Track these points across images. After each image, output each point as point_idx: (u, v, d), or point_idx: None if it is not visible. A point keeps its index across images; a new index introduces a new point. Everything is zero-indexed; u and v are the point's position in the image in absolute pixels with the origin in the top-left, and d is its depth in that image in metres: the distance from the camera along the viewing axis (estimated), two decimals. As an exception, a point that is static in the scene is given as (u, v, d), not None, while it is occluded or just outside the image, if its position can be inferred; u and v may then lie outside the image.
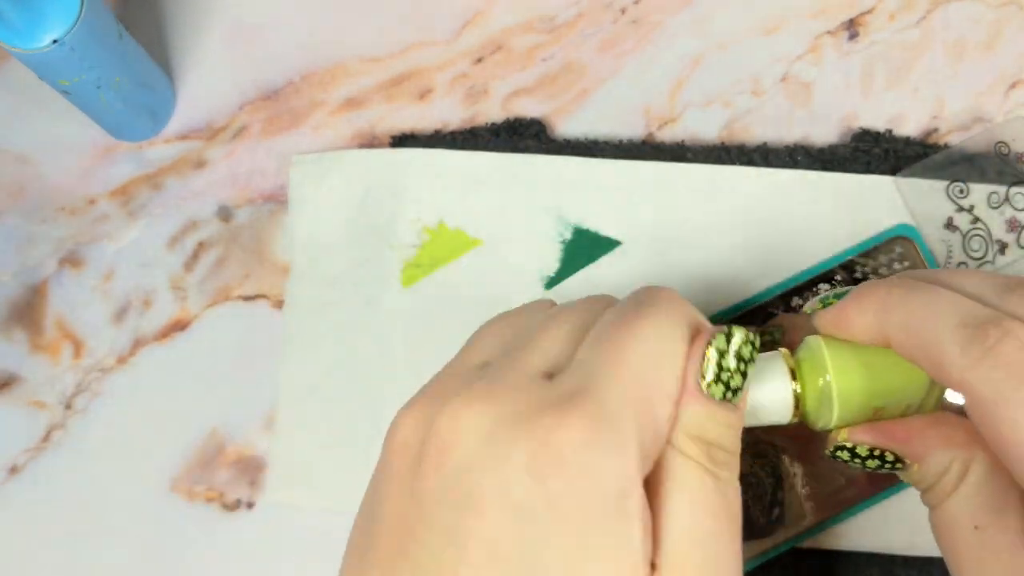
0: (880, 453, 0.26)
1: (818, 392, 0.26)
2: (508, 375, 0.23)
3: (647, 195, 0.39)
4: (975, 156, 0.38)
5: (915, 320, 0.24)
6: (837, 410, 0.26)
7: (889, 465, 0.26)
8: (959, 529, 0.25)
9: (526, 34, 0.41)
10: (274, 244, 0.40)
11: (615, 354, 0.22)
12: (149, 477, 0.38)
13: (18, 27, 0.32)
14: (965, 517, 0.25)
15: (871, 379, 0.26)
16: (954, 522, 0.25)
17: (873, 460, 0.26)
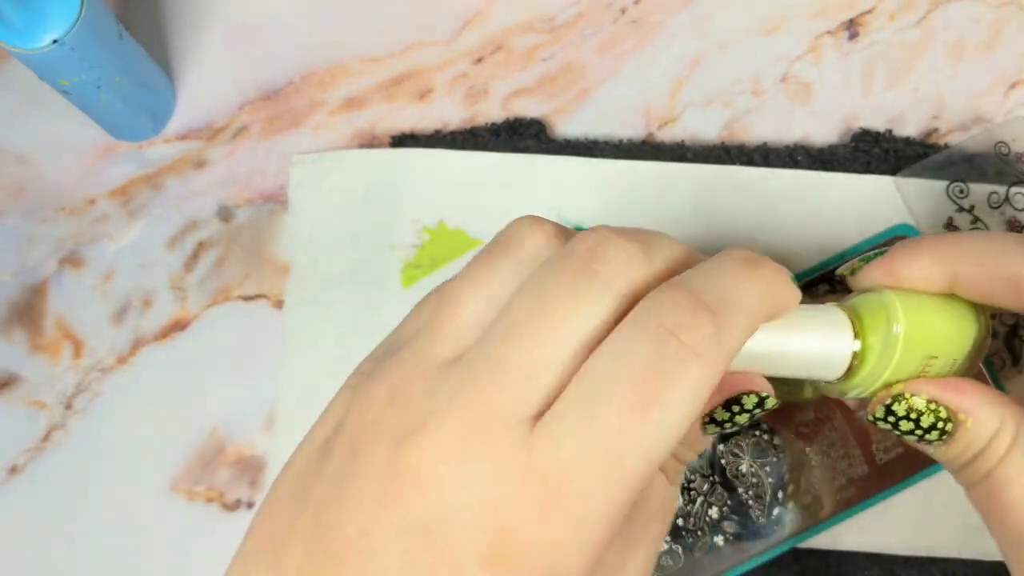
0: (936, 407, 0.25)
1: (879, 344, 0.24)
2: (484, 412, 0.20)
3: (647, 195, 0.39)
4: (975, 156, 0.38)
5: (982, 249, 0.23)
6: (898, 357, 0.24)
7: (941, 424, 0.25)
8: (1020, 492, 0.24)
9: (526, 34, 0.41)
10: (274, 244, 0.40)
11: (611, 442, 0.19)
12: (149, 477, 0.38)
13: (18, 27, 0.32)
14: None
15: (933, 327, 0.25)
16: (1016, 484, 0.24)
17: (929, 416, 0.25)
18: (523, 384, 0.20)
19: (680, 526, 0.35)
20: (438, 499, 0.19)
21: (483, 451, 0.19)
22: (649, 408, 0.19)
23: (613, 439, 0.19)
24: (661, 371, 0.19)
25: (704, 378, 0.20)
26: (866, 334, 0.25)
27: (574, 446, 0.19)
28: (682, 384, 0.19)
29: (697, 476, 0.36)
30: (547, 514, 0.19)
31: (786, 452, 0.36)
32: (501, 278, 0.22)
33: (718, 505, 0.36)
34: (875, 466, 0.36)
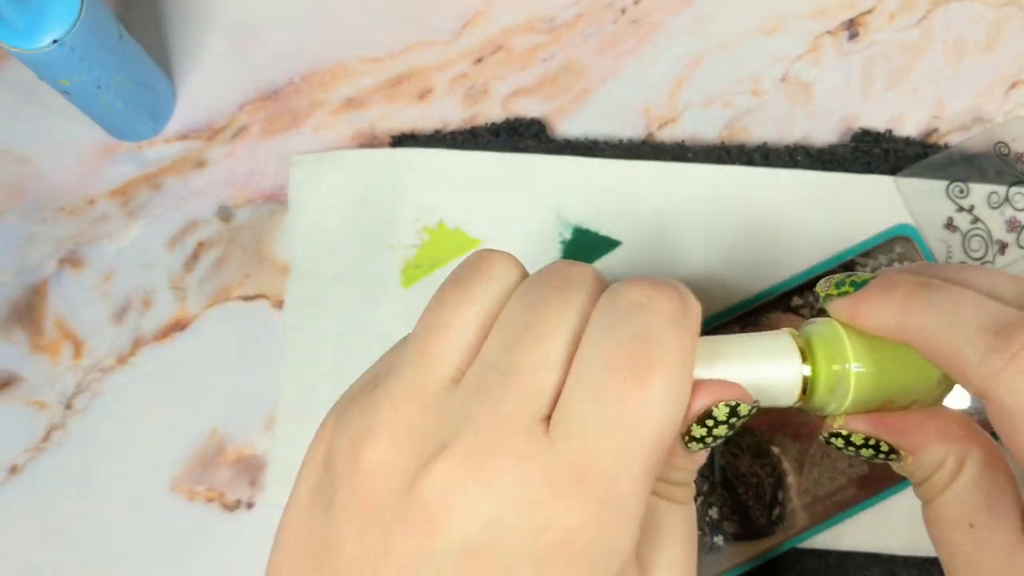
0: (876, 443, 0.26)
1: (833, 379, 0.25)
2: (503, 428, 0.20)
3: (647, 195, 0.39)
4: (975, 156, 0.38)
5: (936, 322, 0.23)
6: (851, 399, 0.25)
7: (883, 455, 0.26)
8: (954, 526, 0.25)
9: (526, 34, 0.41)
10: (274, 244, 0.40)
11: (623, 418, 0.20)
12: (149, 477, 0.38)
13: (18, 27, 0.32)
14: (960, 514, 0.25)
15: (887, 373, 0.25)
16: (949, 519, 0.25)
17: (868, 449, 0.26)
18: (533, 386, 0.20)
19: (680, 526, 0.35)
20: (472, 517, 0.19)
21: (507, 459, 0.19)
22: (647, 376, 0.20)
23: (624, 414, 0.20)
24: (645, 340, 0.20)
25: (685, 341, 0.21)
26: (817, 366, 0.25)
27: (591, 432, 0.20)
28: (669, 345, 0.20)
29: (697, 476, 0.36)
30: (585, 501, 0.19)
31: (786, 452, 0.36)
32: (479, 300, 0.22)
33: (718, 505, 0.36)
34: (875, 466, 0.36)
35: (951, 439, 0.25)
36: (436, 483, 0.19)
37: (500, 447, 0.20)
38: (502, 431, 0.20)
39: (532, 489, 0.19)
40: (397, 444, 0.20)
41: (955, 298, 0.24)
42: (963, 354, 0.23)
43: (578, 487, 0.19)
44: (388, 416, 0.21)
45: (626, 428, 0.20)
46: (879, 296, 0.25)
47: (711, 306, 0.38)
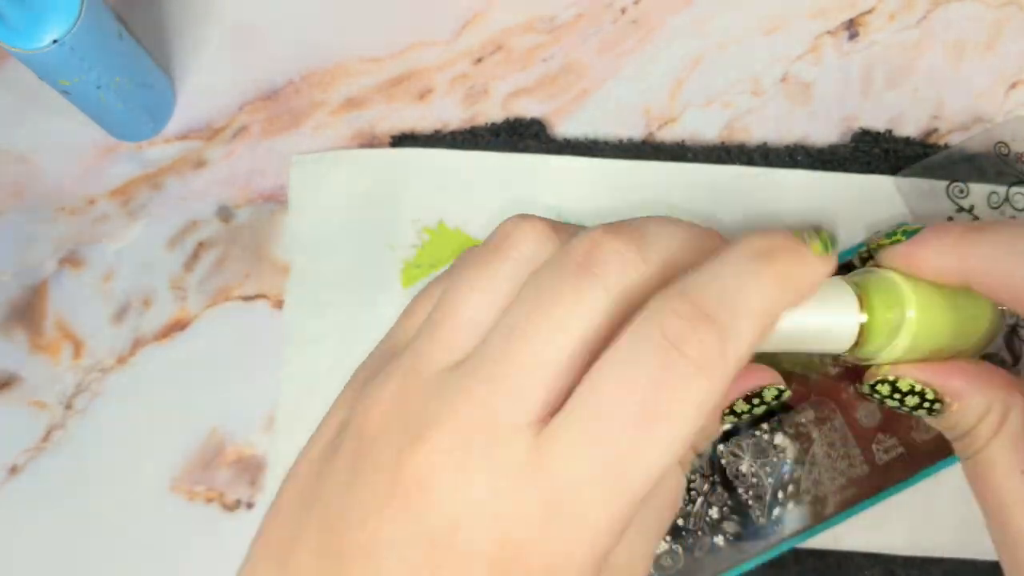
0: (922, 390, 0.26)
1: (888, 326, 0.25)
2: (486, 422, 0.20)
3: (647, 195, 0.39)
4: (975, 156, 0.38)
5: (995, 253, 0.24)
6: (905, 347, 0.25)
7: (928, 404, 0.26)
8: (1007, 474, 0.25)
9: (526, 34, 0.41)
10: (274, 244, 0.40)
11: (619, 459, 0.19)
12: (149, 477, 0.38)
13: (18, 27, 0.32)
14: (1013, 462, 0.25)
15: (939, 321, 0.25)
16: (1001, 467, 0.25)
17: (913, 397, 0.26)
18: (523, 386, 0.20)
19: (680, 526, 0.35)
20: (441, 508, 0.19)
21: (486, 459, 0.19)
22: (653, 424, 0.19)
23: (617, 454, 0.19)
24: (665, 387, 0.19)
25: (708, 391, 0.19)
26: (874, 313, 0.25)
27: (578, 461, 0.19)
28: (686, 399, 0.19)
29: (697, 476, 0.36)
30: (551, 527, 0.19)
31: (786, 452, 0.36)
32: (497, 281, 0.22)
33: (718, 505, 0.36)
34: (875, 466, 0.36)
35: (996, 386, 0.25)
36: (418, 465, 0.19)
37: (481, 445, 0.19)
38: (484, 429, 0.19)
39: (502, 500, 0.19)
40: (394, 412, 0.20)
41: (1011, 230, 0.24)
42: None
43: (550, 511, 0.19)
44: (395, 384, 0.21)
45: (616, 468, 0.19)
46: (935, 239, 0.25)
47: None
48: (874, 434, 0.36)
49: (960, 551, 0.35)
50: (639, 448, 0.19)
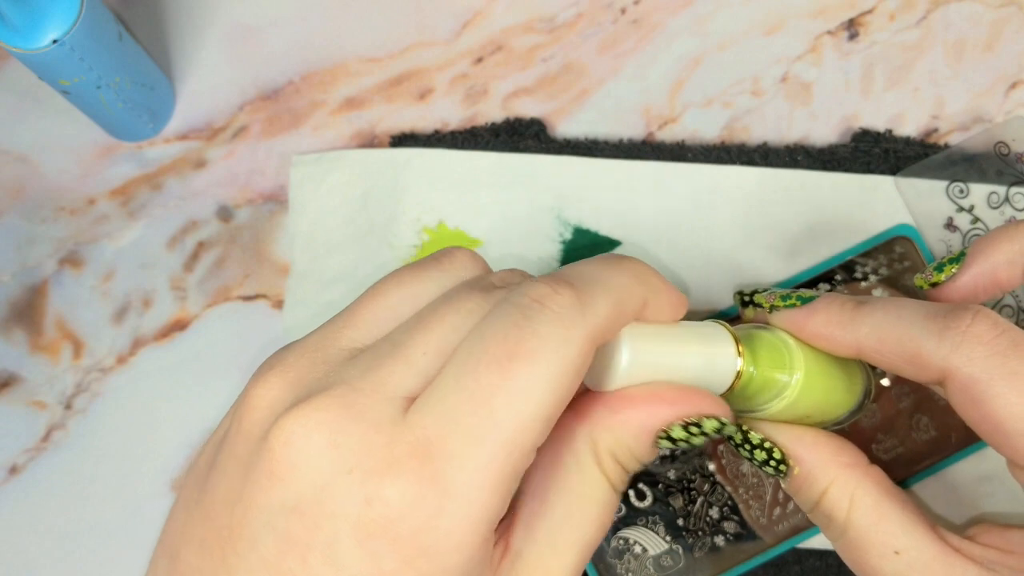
0: (769, 447, 0.27)
1: (777, 385, 0.26)
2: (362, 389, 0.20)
3: (647, 195, 0.39)
4: (975, 156, 0.38)
5: (885, 320, 0.25)
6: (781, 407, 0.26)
7: (774, 464, 0.27)
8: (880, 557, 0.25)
9: (526, 34, 0.42)
10: (274, 244, 0.40)
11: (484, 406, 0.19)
12: (149, 477, 0.38)
13: (18, 27, 0.32)
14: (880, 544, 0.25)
15: (821, 388, 0.26)
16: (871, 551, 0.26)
17: (761, 452, 0.27)
18: (410, 365, 0.20)
19: (680, 526, 0.35)
20: (310, 474, 0.19)
21: (356, 423, 0.19)
22: (512, 363, 0.19)
23: (478, 400, 0.19)
24: (520, 329, 0.20)
25: (565, 339, 0.20)
26: (760, 367, 0.26)
27: (442, 413, 0.19)
28: (545, 342, 0.20)
29: (697, 476, 0.36)
30: (420, 485, 0.18)
31: (786, 452, 0.36)
32: (424, 283, 0.23)
33: (718, 505, 0.36)
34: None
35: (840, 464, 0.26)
36: (284, 431, 0.19)
37: (354, 409, 0.19)
38: (363, 395, 0.20)
39: (370, 459, 0.19)
40: (280, 388, 0.21)
41: (895, 303, 0.25)
42: (918, 341, 0.24)
43: (414, 464, 0.19)
44: (289, 362, 0.21)
45: (479, 414, 0.19)
46: (827, 309, 0.26)
47: (711, 307, 0.38)
48: (874, 434, 0.36)
49: (960, 551, 0.35)
50: (498, 390, 0.19)
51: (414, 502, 0.18)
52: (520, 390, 0.19)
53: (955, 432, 0.36)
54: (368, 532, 0.18)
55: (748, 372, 0.26)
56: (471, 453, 0.19)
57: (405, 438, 0.19)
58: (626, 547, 0.35)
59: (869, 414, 0.36)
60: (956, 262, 0.28)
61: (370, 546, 0.18)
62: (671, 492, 0.36)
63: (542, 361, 0.19)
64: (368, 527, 0.18)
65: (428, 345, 0.21)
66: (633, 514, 0.36)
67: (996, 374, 0.23)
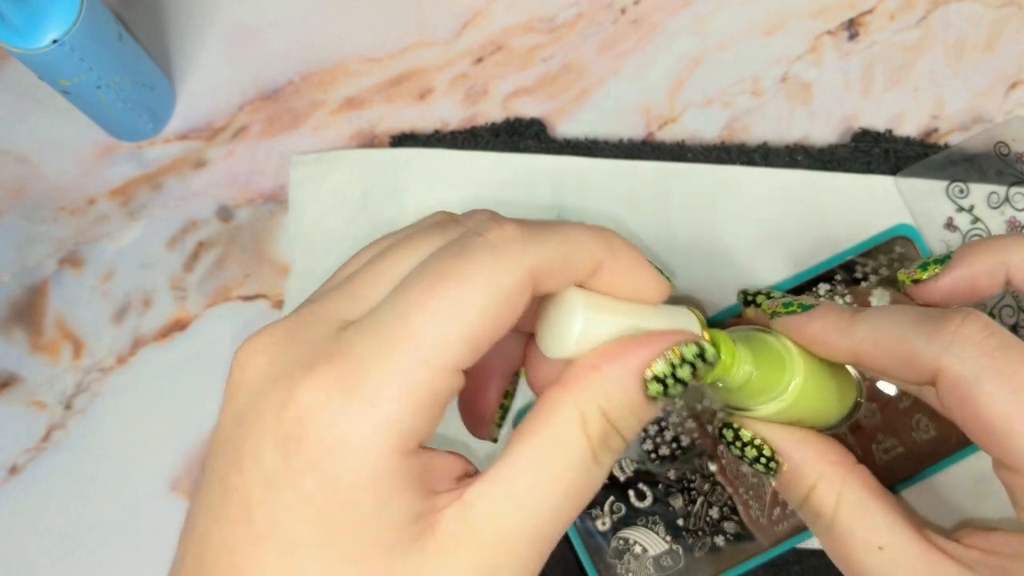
0: (760, 444, 0.28)
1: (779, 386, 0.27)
2: (308, 316, 0.21)
3: (647, 195, 0.39)
4: (975, 156, 0.38)
5: (879, 325, 0.26)
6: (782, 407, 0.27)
7: (764, 461, 0.28)
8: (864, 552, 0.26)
9: (526, 34, 0.41)
10: (274, 244, 0.40)
11: (404, 321, 0.20)
12: (149, 477, 0.38)
13: (18, 27, 0.32)
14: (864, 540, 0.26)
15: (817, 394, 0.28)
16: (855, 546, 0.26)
17: (752, 449, 0.28)
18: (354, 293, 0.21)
19: (680, 526, 0.35)
20: (250, 385, 0.20)
21: (294, 345, 0.20)
22: (437, 283, 0.20)
23: (401, 315, 0.20)
24: (457, 257, 0.20)
25: (501, 267, 0.20)
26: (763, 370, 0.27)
27: (368, 329, 0.20)
28: (474, 266, 0.20)
29: (697, 476, 0.36)
30: (328, 388, 0.19)
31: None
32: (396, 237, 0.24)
33: (718, 505, 0.36)
34: (875, 466, 0.36)
35: (829, 461, 0.27)
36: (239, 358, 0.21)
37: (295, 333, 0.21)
38: (305, 322, 0.21)
39: (295, 367, 0.20)
40: None
41: (890, 309, 0.26)
42: (910, 343, 0.25)
43: (327, 368, 0.19)
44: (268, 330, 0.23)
45: (398, 327, 0.20)
46: (827, 315, 0.27)
47: (711, 307, 0.38)
48: (874, 434, 0.36)
49: (960, 551, 0.35)
50: (424, 308, 0.20)
51: (321, 403, 0.19)
52: (443, 309, 0.20)
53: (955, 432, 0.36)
54: (284, 433, 0.19)
55: (747, 372, 0.26)
56: (381, 362, 0.19)
57: (329, 348, 0.20)
58: (626, 547, 0.35)
59: (869, 414, 0.36)
60: (941, 264, 0.28)
61: (285, 446, 0.19)
62: (671, 492, 0.36)
63: (470, 285, 0.20)
64: (284, 428, 0.19)
65: (376, 277, 0.22)
66: (633, 514, 0.36)
67: (984, 374, 0.23)
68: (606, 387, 0.22)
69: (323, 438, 0.19)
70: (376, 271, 0.22)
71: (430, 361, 0.20)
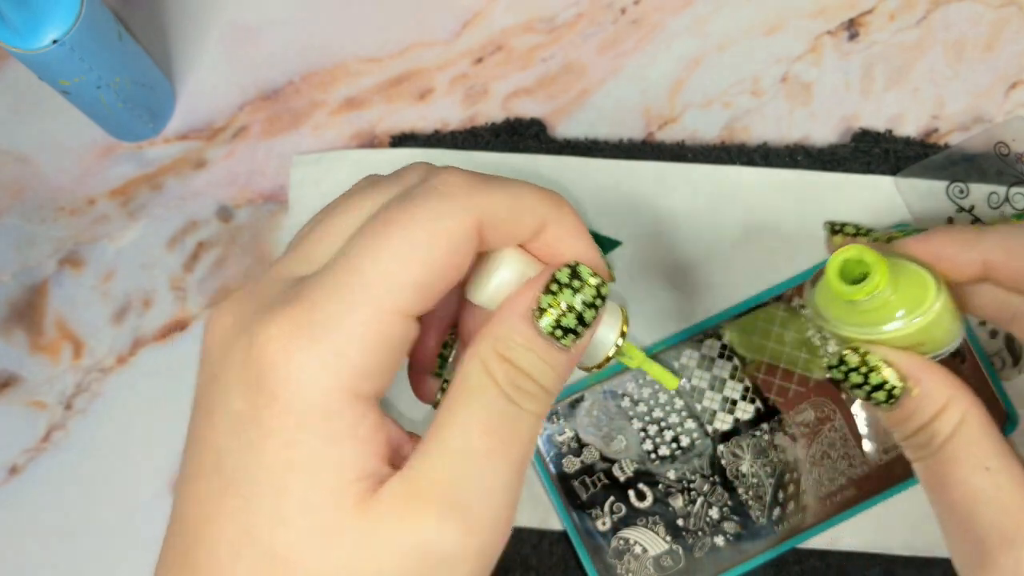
0: (884, 369, 0.27)
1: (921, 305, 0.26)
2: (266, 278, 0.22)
3: (647, 195, 0.39)
4: (975, 156, 0.38)
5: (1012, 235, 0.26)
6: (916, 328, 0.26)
7: (889, 387, 0.27)
8: (971, 471, 0.26)
9: (526, 34, 0.41)
10: (274, 244, 0.40)
11: (352, 263, 0.21)
12: (149, 477, 0.38)
13: (18, 27, 0.32)
14: (976, 458, 0.26)
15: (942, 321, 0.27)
16: (965, 463, 0.26)
17: (877, 374, 0.27)
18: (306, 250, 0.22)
19: (680, 526, 0.35)
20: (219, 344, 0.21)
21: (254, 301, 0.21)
22: (385, 230, 0.21)
23: (351, 261, 0.21)
24: (400, 202, 0.21)
25: (443, 211, 0.21)
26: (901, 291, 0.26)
27: (321, 276, 0.21)
28: (420, 211, 0.21)
29: (697, 476, 0.36)
30: (283, 327, 0.20)
31: (786, 453, 0.36)
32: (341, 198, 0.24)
33: (718, 505, 0.36)
34: (875, 466, 0.36)
35: (957, 386, 0.27)
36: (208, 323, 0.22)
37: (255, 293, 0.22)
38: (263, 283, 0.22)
39: (256, 316, 0.21)
40: None
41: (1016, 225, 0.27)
42: None
43: (284, 310, 0.20)
44: None
45: (348, 271, 0.20)
46: (949, 231, 0.27)
47: (711, 306, 0.38)
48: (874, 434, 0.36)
49: (960, 551, 0.35)
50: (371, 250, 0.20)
51: (278, 340, 0.20)
52: (390, 252, 0.20)
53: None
54: (247, 373, 0.20)
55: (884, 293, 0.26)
56: (332, 304, 0.20)
57: (286, 296, 0.21)
58: (626, 547, 0.35)
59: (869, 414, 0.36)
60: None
61: (247, 384, 0.20)
62: (671, 492, 0.36)
63: (417, 228, 0.21)
64: (247, 368, 0.20)
65: (323, 234, 0.22)
66: (633, 514, 0.36)
67: None
68: (498, 331, 0.22)
69: (279, 373, 0.20)
70: (322, 229, 0.22)
71: (379, 303, 0.20)
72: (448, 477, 0.20)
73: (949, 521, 0.27)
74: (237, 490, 0.20)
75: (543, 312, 0.22)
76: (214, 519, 0.20)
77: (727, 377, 0.37)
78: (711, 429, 0.36)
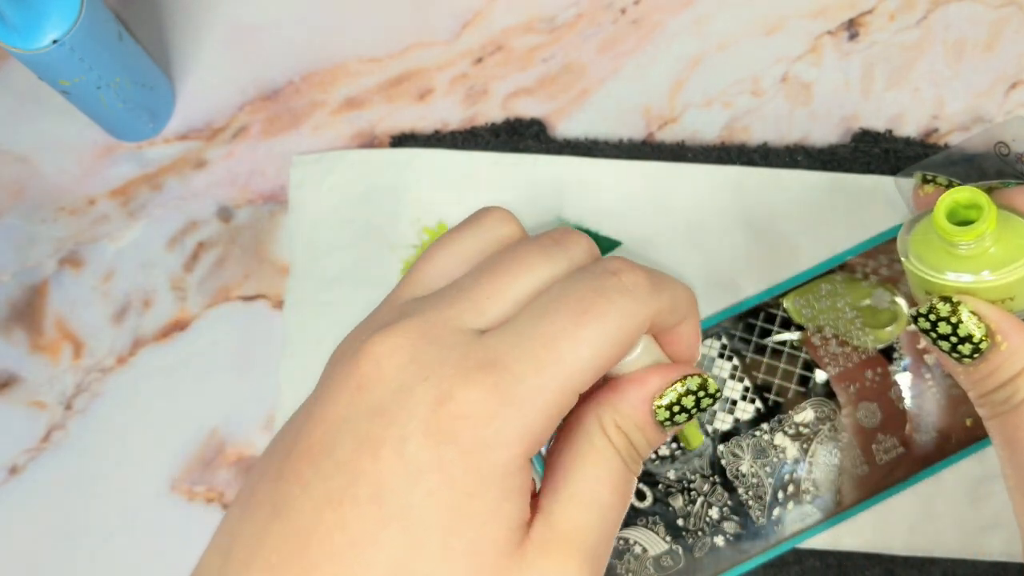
0: (977, 321, 0.27)
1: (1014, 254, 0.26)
2: (437, 321, 0.23)
3: (647, 195, 0.39)
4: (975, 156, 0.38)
5: None
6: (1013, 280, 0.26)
7: (976, 339, 0.26)
8: None
9: (526, 34, 0.42)
10: (274, 244, 0.40)
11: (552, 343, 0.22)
12: (149, 477, 0.38)
13: (18, 27, 0.32)
14: None
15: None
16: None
17: (964, 327, 0.27)
18: (480, 305, 0.23)
19: (680, 526, 0.35)
20: (393, 382, 0.22)
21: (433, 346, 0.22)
22: (583, 317, 0.22)
23: (550, 337, 0.22)
24: (597, 293, 0.23)
25: (633, 311, 0.23)
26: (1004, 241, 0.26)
27: (515, 342, 0.22)
28: (614, 307, 0.23)
29: (697, 476, 0.36)
30: (485, 392, 0.21)
31: (786, 452, 0.36)
32: (465, 241, 0.26)
33: (718, 505, 0.36)
34: (875, 466, 0.36)
35: None
36: (374, 350, 0.22)
37: (430, 335, 0.23)
38: (436, 326, 0.23)
39: (445, 368, 0.22)
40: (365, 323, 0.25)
41: None
42: None
43: (482, 376, 0.22)
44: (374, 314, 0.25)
45: (548, 348, 0.22)
46: None
47: (711, 306, 0.38)
48: (874, 434, 0.36)
49: (959, 551, 0.35)
50: (571, 335, 0.22)
51: (478, 404, 0.21)
52: (584, 339, 0.22)
53: (955, 432, 0.36)
54: (436, 428, 0.21)
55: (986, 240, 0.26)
56: (533, 376, 0.22)
57: (478, 355, 0.22)
58: (626, 547, 0.35)
59: (869, 414, 0.36)
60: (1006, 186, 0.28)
61: (436, 439, 0.21)
62: (671, 492, 0.36)
63: (608, 323, 0.23)
64: (437, 423, 0.21)
65: (497, 291, 0.24)
66: (633, 514, 0.36)
67: None
68: (621, 406, 0.24)
69: (477, 435, 0.21)
70: (495, 285, 0.24)
71: (568, 384, 0.22)
72: (585, 526, 0.23)
73: (1015, 479, 0.26)
74: (401, 525, 0.21)
75: (664, 402, 0.25)
76: (362, 546, 0.21)
77: (727, 377, 0.37)
78: (711, 429, 0.36)
